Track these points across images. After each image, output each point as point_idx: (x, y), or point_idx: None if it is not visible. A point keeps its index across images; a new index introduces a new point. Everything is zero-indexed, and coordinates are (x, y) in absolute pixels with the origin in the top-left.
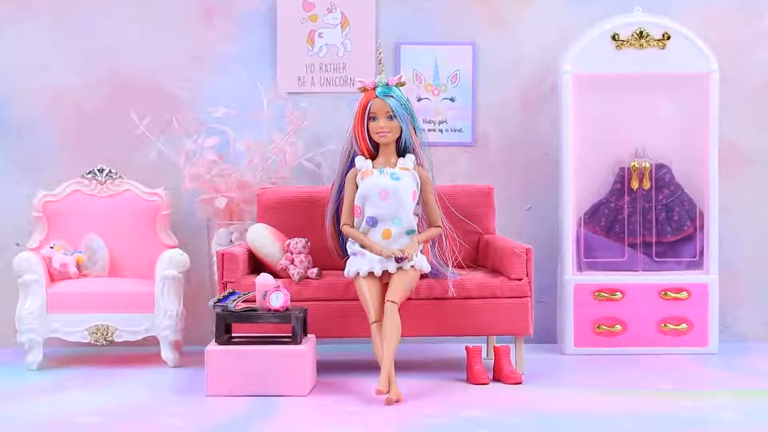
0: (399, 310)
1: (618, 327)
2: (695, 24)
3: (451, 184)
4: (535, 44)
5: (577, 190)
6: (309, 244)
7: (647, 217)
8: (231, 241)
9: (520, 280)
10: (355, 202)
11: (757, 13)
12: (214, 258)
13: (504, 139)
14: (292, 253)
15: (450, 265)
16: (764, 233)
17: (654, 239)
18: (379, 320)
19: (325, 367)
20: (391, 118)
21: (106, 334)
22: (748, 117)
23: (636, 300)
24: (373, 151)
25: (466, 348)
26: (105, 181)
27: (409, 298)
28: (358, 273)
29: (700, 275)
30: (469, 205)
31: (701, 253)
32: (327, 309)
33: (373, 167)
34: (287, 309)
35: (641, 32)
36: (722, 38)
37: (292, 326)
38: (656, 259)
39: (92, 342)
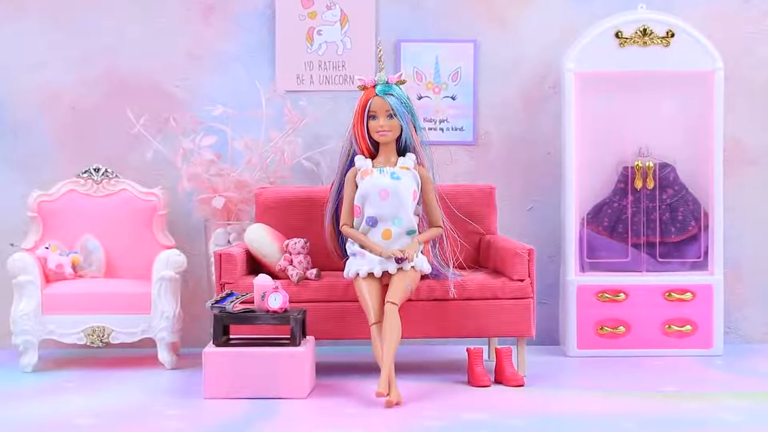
0: (399, 311)
1: (621, 328)
2: (699, 21)
3: (452, 183)
4: (537, 42)
5: (580, 190)
6: (308, 244)
7: (651, 217)
8: (229, 241)
9: (522, 281)
10: (355, 202)
11: (761, 10)
12: (212, 258)
13: (506, 138)
14: (290, 254)
15: (451, 266)
16: None
17: (658, 239)
18: (379, 321)
19: (324, 369)
20: (391, 116)
21: (102, 336)
22: (752, 115)
23: (640, 301)
24: (373, 150)
25: (467, 350)
26: (101, 181)
27: (410, 300)
28: (358, 274)
29: (705, 276)
30: (470, 205)
31: (706, 253)
32: (326, 310)
33: (373, 166)
34: (286, 310)
35: (645, 30)
36: (727, 36)
37: (291, 328)
38: (660, 260)
39: (88, 344)
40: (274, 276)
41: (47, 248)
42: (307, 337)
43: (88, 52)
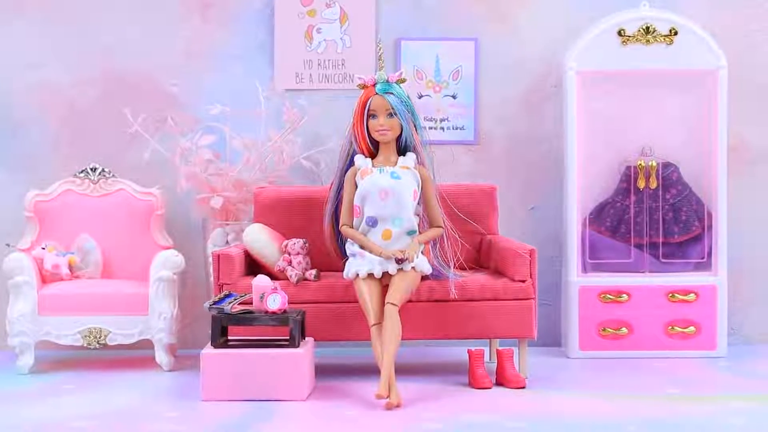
0: (399, 312)
1: (624, 330)
2: (703, 19)
3: (453, 183)
4: (538, 40)
5: (582, 190)
6: (307, 245)
7: (654, 217)
8: (227, 241)
9: (523, 281)
10: (355, 202)
11: (766, 8)
12: (210, 259)
13: (507, 137)
14: (289, 254)
15: (452, 267)
16: None
17: (661, 240)
18: (379, 323)
19: (323, 371)
20: (391, 115)
21: (99, 337)
22: (757, 114)
23: (642, 302)
24: (373, 150)
25: (468, 351)
26: (98, 181)
27: (410, 300)
28: (358, 274)
29: (708, 276)
30: (471, 205)
31: (709, 253)
32: (325, 311)
33: (373, 166)
34: (285, 311)
35: (648, 28)
36: (731, 34)
37: (290, 329)
38: (663, 260)
39: (85, 345)
40: (273, 277)
41: (44, 248)
42: (306, 338)
43: (86, 51)
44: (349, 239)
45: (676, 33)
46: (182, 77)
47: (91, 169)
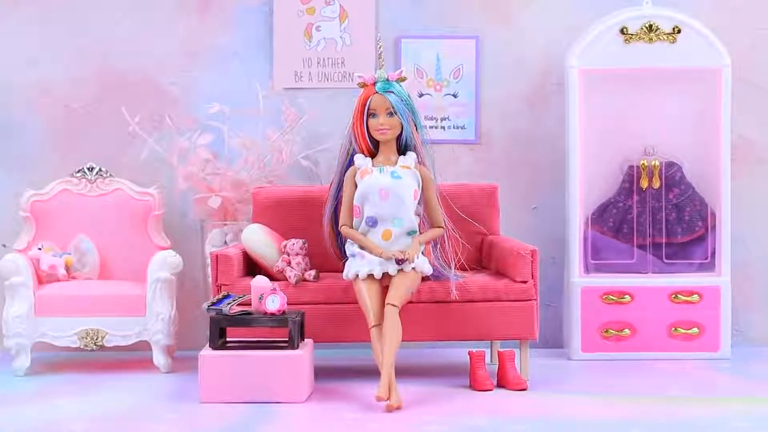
0: (400, 313)
1: (627, 331)
2: (706, 17)
3: (454, 182)
4: (540, 38)
5: (585, 189)
6: (306, 245)
7: (657, 218)
8: (225, 242)
9: (525, 282)
10: (355, 202)
11: None
12: (208, 260)
13: (508, 136)
14: (288, 255)
15: (452, 267)
16: None
17: (664, 240)
18: (379, 324)
19: (323, 373)
20: (391, 114)
21: (96, 339)
22: (761, 113)
23: (645, 303)
24: (373, 149)
25: (469, 353)
26: (95, 180)
27: (410, 302)
28: (357, 275)
29: (712, 277)
30: (472, 205)
31: (713, 254)
32: (325, 312)
33: (373, 165)
34: (284, 312)
35: (650, 26)
36: (734, 31)
37: (289, 330)
38: (666, 261)
39: (82, 347)
40: (272, 277)
41: (40, 249)
42: (306, 339)
43: (82, 49)
44: (348, 239)
45: (679, 31)
46: (180, 76)
47: (88, 169)
